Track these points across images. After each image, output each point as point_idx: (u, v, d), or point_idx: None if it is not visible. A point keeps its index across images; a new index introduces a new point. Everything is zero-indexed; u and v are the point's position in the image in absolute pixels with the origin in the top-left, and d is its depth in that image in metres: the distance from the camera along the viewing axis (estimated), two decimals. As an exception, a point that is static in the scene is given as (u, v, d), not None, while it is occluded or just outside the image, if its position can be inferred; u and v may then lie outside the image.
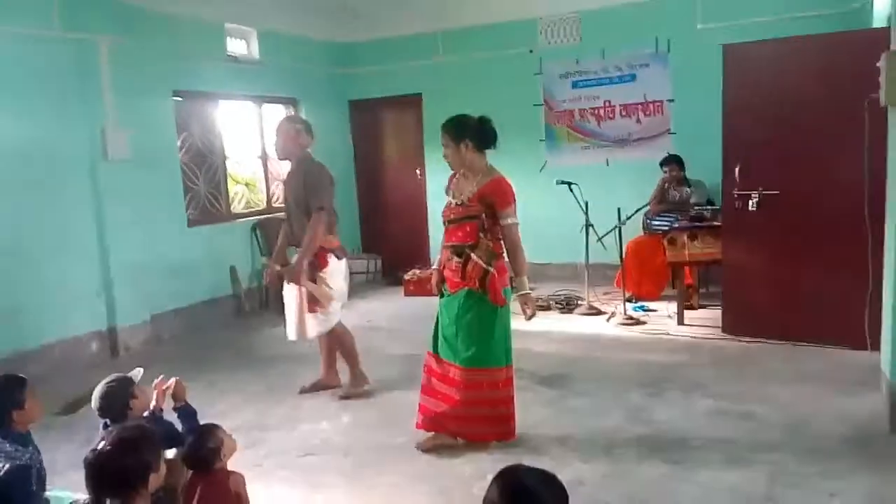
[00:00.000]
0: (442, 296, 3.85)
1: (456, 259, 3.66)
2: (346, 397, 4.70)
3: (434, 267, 3.98)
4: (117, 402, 2.82)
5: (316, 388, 4.87)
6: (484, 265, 3.58)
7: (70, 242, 5.69)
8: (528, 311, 3.68)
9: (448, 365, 3.74)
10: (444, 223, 3.78)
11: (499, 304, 3.63)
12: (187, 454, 2.66)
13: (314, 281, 4.51)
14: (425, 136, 8.64)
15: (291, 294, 4.62)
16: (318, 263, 4.54)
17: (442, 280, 3.83)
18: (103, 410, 2.83)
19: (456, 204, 3.68)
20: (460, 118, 3.73)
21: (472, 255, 3.59)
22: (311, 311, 4.55)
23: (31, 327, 5.38)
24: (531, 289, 3.89)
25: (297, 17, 8.09)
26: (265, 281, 4.60)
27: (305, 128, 4.74)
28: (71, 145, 5.69)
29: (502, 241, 3.65)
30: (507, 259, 3.71)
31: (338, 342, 4.80)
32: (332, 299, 4.60)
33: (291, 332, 4.69)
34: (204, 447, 2.65)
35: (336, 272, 4.64)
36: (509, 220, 3.60)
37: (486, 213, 3.59)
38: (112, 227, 5.91)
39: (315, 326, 4.61)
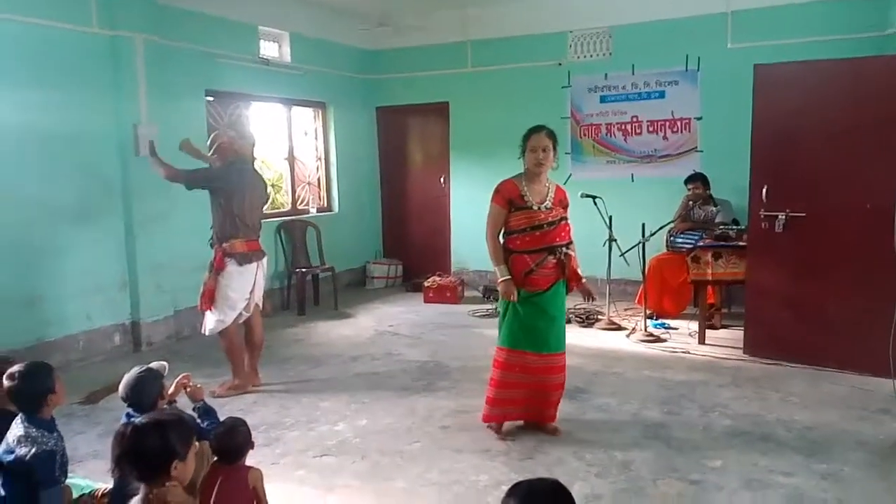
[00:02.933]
0: (521, 296, 3.95)
1: (552, 257, 3.94)
2: (218, 395, 4.71)
3: (506, 276, 3.93)
4: (150, 392, 2.87)
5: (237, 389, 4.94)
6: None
7: (97, 235, 5.78)
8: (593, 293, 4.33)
9: (556, 356, 4.03)
10: (539, 226, 3.91)
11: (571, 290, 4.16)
12: (220, 443, 2.70)
13: (214, 282, 4.69)
14: (451, 143, 8.68)
15: None
16: (216, 266, 4.72)
17: (519, 285, 3.94)
18: (133, 399, 2.86)
19: (546, 208, 3.94)
20: None
21: (569, 251, 4.03)
22: (206, 308, 4.73)
23: (55, 317, 5.46)
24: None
25: (329, 23, 8.20)
26: None
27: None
28: (103, 140, 5.78)
29: None
30: None
31: (226, 342, 4.89)
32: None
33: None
34: (238, 437, 2.69)
35: (234, 276, 4.74)
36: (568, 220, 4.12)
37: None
38: (139, 222, 6.00)
39: (209, 324, 4.81)
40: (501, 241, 4.01)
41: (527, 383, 3.99)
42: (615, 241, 6.53)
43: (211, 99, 6.93)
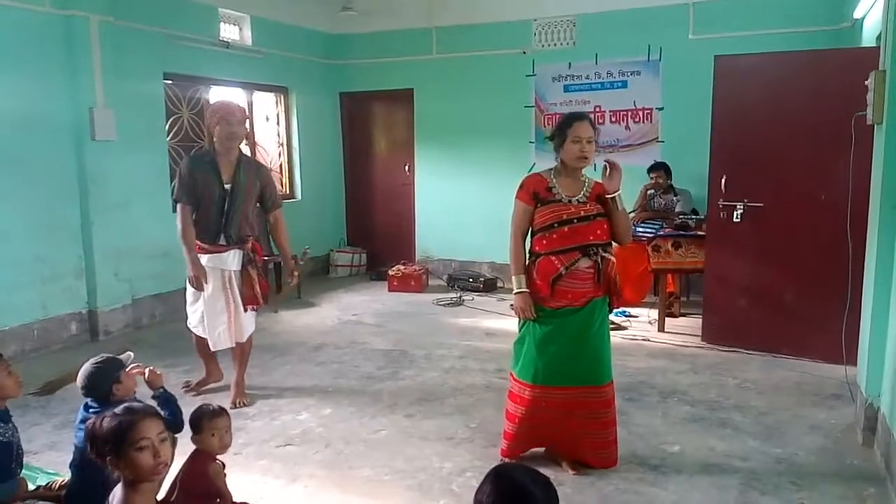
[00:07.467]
0: (541, 314, 3.36)
1: (586, 262, 3.32)
2: (241, 405, 4.39)
3: (522, 289, 3.38)
4: (103, 382, 2.81)
5: (202, 385, 4.69)
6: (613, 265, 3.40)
7: (52, 221, 5.63)
8: None
9: (601, 388, 3.41)
10: (569, 221, 3.33)
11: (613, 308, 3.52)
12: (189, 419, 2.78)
13: (260, 274, 4.42)
14: (416, 130, 8.63)
15: (219, 297, 4.36)
16: (258, 260, 4.41)
17: (543, 299, 3.35)
18: (88, 389, 2.81)
19: (579, 201, 3.39)
20: None
21: (606, 255, 3.37)
22: (260, 306, 4.43)
23: (8, 306, 5.32)
24: None
25: (291, 6, 8.08)
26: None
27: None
28: (58, 123, 5.62)
29: None
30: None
31: (250, 340, 4.59)
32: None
33: (224, 340, 4.39)
34: (196, 413, 2.76)
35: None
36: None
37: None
38: (96, 208, 5.85)
39: (252, 324, 4.50)
40: (528, 244, 3.49)
41: (575, 421, 3.39)
42: (578, 229, 6.57)
43: (169, 82, 6.79)
